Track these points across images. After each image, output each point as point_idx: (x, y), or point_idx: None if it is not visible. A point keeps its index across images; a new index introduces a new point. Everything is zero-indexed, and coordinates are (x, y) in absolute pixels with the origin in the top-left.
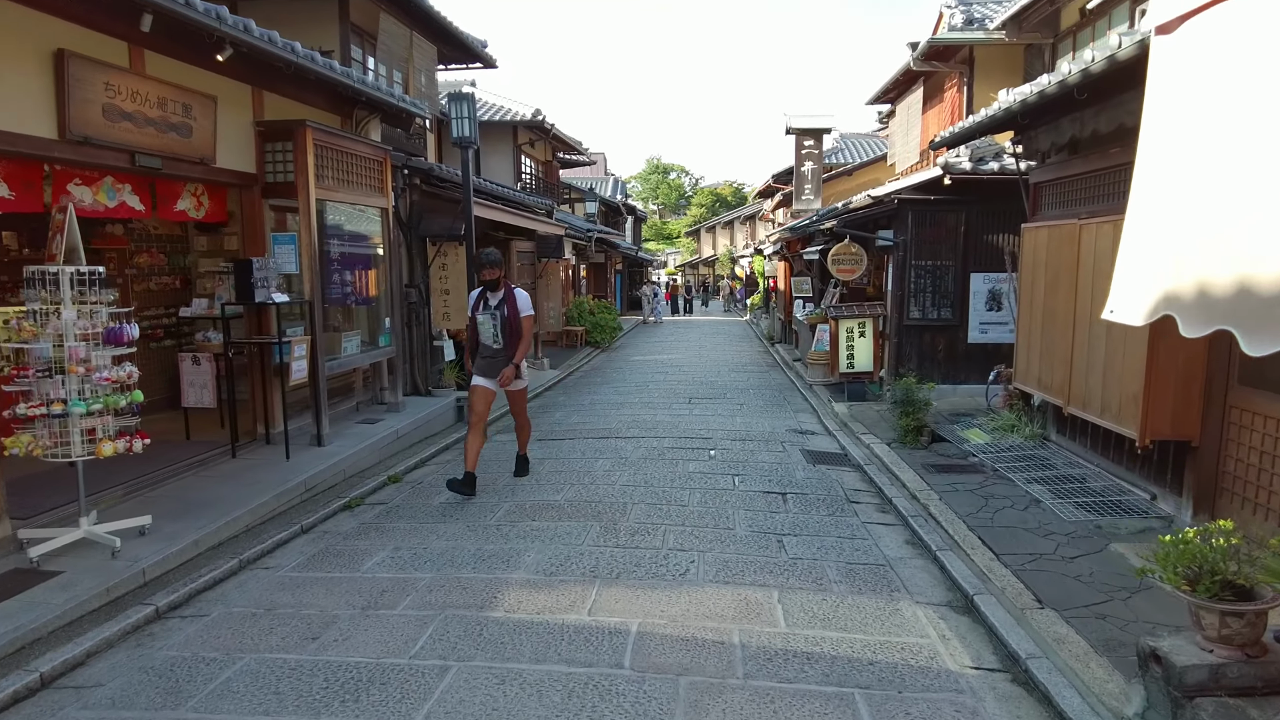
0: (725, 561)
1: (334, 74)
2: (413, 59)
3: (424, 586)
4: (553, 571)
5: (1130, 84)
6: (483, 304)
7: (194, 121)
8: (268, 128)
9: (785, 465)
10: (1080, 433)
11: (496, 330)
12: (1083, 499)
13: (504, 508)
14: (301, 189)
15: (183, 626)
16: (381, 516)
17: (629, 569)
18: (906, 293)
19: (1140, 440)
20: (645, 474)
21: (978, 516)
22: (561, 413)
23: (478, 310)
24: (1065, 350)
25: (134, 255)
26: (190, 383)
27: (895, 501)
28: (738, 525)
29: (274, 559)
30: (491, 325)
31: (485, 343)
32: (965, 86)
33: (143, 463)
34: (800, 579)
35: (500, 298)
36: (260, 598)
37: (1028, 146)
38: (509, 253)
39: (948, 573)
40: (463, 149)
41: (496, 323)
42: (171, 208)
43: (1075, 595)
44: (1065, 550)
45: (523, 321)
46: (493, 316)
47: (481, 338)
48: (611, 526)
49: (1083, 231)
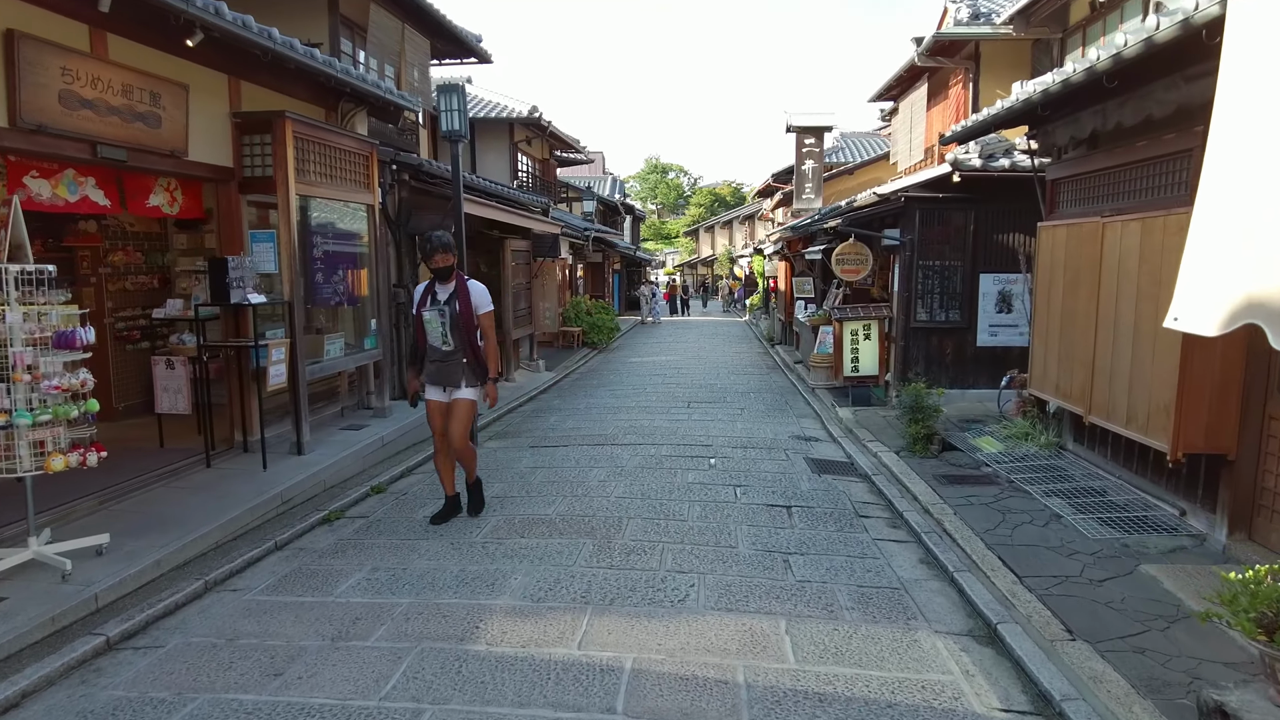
0: (727, 585)
1: (315, 63)
2: (405, 53)
3: (401, 614)
4: (540, 597)
5: (1163, 70)
6: (430, 298)
7: (163, 111)
8: (245, 119)
9: (789, 475)
10: (1100, 442)
11: (445, 329)
12: (1106, 514)
13: (491, 522)
14: (281, 184)
15: (134, 660)
16: (361, 532)
17: (623, 594)
18: (913, 294)
19: (1172, 454)
20: (642, 485)
21: (996, 533)
22: (556, 417)
23: (424, 306)
24: (1086, 355)
25: (108, 253)
26: (164, 388)
27: (907, 516)
28: (740, 542)
29: (243, 579)
30: (440, 323)
31: (434, 344)
32: (971, 83)
33: (108, 474)
34: (809, 605)
35: (451, 291)
36: (223, 625)
37: (1043, 142)
38: (503, 252)
39: (967, 597)
40: (452, 143)
41: (445, 320)
42: (142, 203)
43: (1109, 625)
44: (1092, 572)
45: (481, 320)
46: (441, 313)
47: (429, 339)
48: (605, 544)
49: (1106, 230)
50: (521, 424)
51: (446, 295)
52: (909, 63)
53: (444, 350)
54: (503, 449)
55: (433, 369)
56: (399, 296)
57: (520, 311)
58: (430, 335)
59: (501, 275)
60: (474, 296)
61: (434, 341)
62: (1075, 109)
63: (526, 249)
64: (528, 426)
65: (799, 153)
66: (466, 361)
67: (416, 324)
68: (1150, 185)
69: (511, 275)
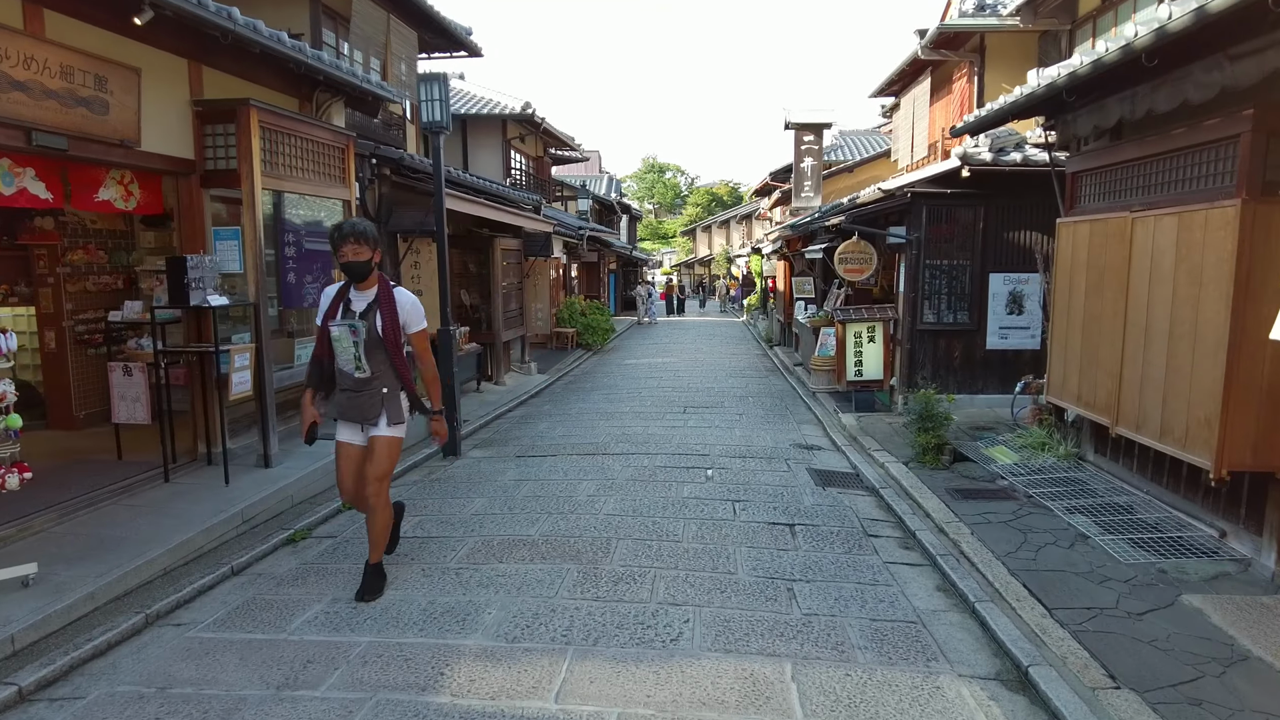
0: (726, 620)
1: (282, 48)
2: (390, 45)
3: (358, 656)
4: (516, 636)
5: (1205, 49)
6: (342, 308)
7: (110, 96)
8: (207, 108)
9: (791, 488)
10: (1125, 454)
11: (359, 351)
12: (1136, 534)
13: (468, 544)
14: (245, 177)
15: (47, 715)
16: (327, 554)
17: (609, 631)
18: (920, 294)
19: (1215, 471)
20: (634, 500)
21: (1017, 556)
22: (546, 424)
23: (331, 318)
24: (1112, 362)
25: (67, 252)
26: (121, 396)
27: (920, 536)
28: (740, 567)
29: (190, 611)
30: (352, 342)
31: (344, 369)
32: (976, 76)
33: (57, 490)
34: (817, 644)
35: (370, 299)
36: (158, 669)
37: (1062, 132)
38: (493, 250)
39: (992, 633)
40: (433, 134)
41: (359, 339)
42: (90, 197)
43: (1155, 669)
44: (1129, 603)
45: (413, 341)
46: (354, 329)
47: (338, 360)
48: (592, 570)
49: (1136, 226)
50: (509, 431)
51: (364, 305)
52: (911, 56)
53: (357, 377)
54: (487, 459)
55: (343, 400)
56: None
57: (511, 312)
58: (339, 356)
59: (491, 275)
60: (402, 310)
61: (344, 365)
62: (1100, 96)
63: (517, 248)
64: (515, 434)
65: (797, 150)
66: (388, 391)
67: (320, 340)
68: (1188, 176)
69: (502, 275)
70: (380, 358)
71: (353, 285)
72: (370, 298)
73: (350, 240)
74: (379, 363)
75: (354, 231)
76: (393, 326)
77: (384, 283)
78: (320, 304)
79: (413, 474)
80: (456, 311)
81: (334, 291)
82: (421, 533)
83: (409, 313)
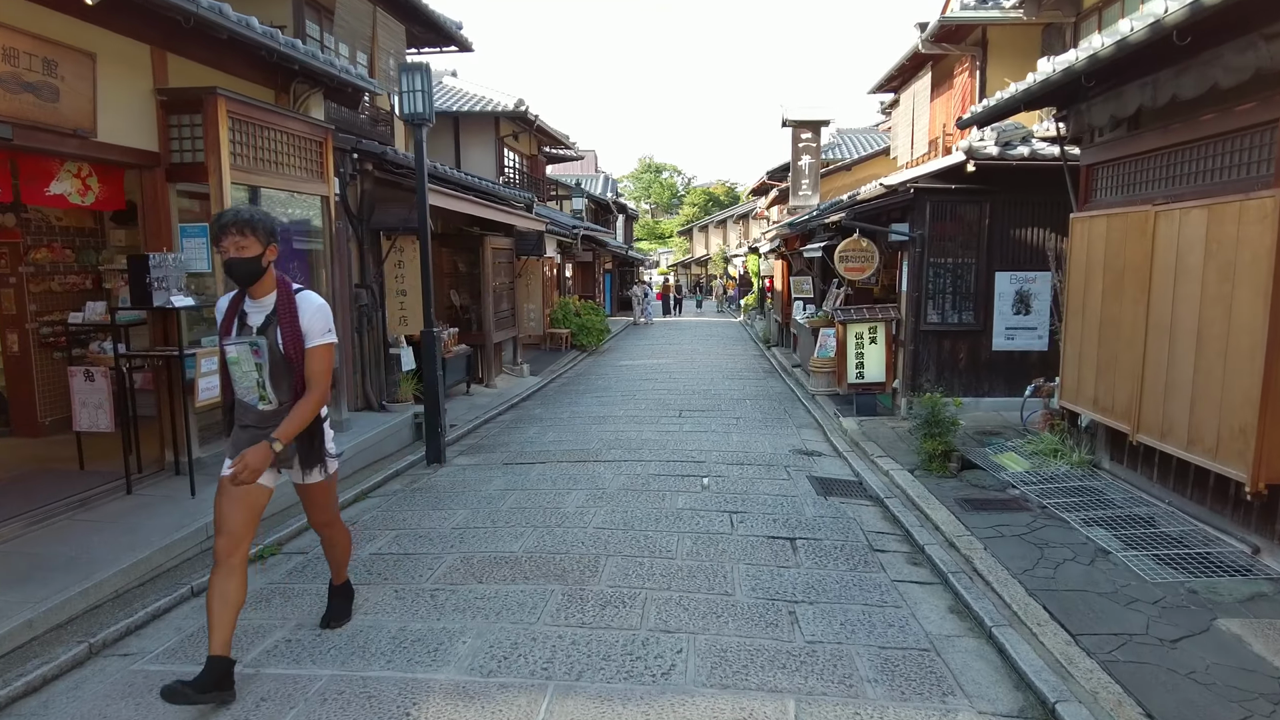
0: (723, 650)
1: (251, 33)
2: (377, 39)
3: (317, 694)
4: (492, 669)
5: (1238, 28)
6: (237, 322)
7: (61, 82)
8: (172, 97)
9: (791, 498)
10: (1144, 462)
11: (262, 377)
12: (1161, 550)
13: (447, 562)
14: (213, 170)
15: None
16: (296, 573)
17: (594, 663)
18: (923, 294)
19: (1251, 485)
20: (625, 511)
21: (1035, 574)
22: (536, 428)
23: (227, 335)
24: (1133, 366)
25: (30, 250)
26: (83, 402)
27: (929, 551)
28: (738, 588)
29: (141, 639)
30: (254, 364)
31: (245, 400)
32: (978, 70)
33: (13, 502)
34: (822, 677)
35: (269, 310)
36: (93, 709)
37: (1075, 122)
38: (483, 249)
39: (1012, 662)
40: (415, 126)
41: (262, 360)
42: (40, 191)
43: (1199, 708)
44: (1160, 628)
45: (310, 356)
46: (253, 348)
47: (238, 391)
48: (577, 592)
49: (1159, 220)
50: (498, 436)
51: (261, 317)
52: (912, 50)
53: (261, 410)
54: (473, 467)
55: (245, 440)
56: (361, 298)
57: (502, 313)
58: (238, 384)
59: (482, 274)
60: (304, 317)
61: (245, 395)
62: (1119, 82)
63: (509, 247)
64: (504, 439)
65: (795, 148)
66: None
67: (220, 364)
68: (1218, 166)
69: (493, 274)
70: (291, 384)
71: (247, 295)
72: (268, 307)
73: (231, 231)
74: (286, 390)
75: (236, 220)
76: (295, 344)
77: (284, 286)
78: (218, 313)
79: (394, 483)
80: (446, 312)
81: (227, 302)
82: (398, 549)
83: (311, 319)
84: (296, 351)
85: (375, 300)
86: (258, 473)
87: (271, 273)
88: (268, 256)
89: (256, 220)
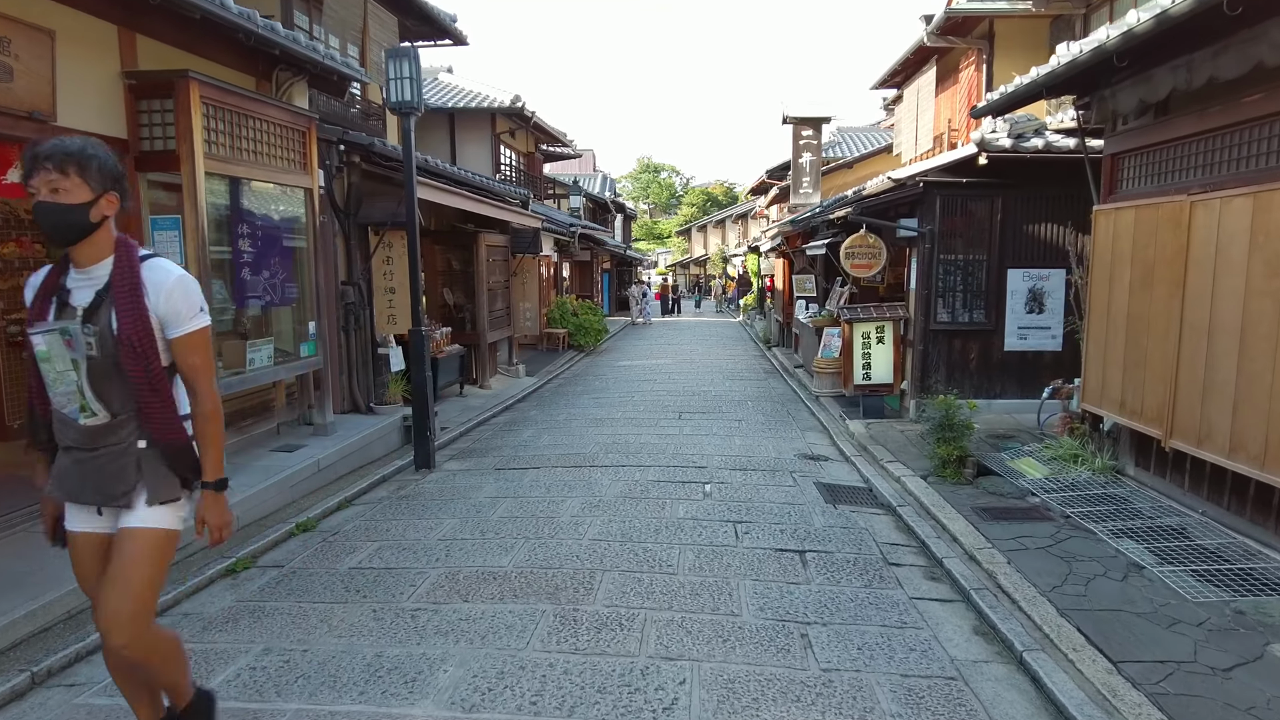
0: (730, 680)
1: (225, 13)
2: (369, 30)
3: None
4: (475, 703)
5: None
6: (54, 302)
7: (15, 61)
8: (141, 80)
9: (799, 507)
10: (1174, 469)
11: (82, 379)
12: (1200, 565)
13: (431, 577)
14: (185, 159)
15: None
16: (268, 589)
17: (588, 696)
18: (933, 291)
19: None
20: (623, 521)
21: (1065, 591)
22: (531, 431)
23: (40, 321)
24: (1165, 367)
25: None
26: None
27: (948, 564)
28: (744, 607)
29: (90, 666)
30: (70, 361)
31: (62, 411)
32: (985, 64)
33: None
34: (840, 712)
35: (100, 285)
36: None
37: (1100, 110)
38: (477, 246)
39: (1048, 693)
40: (403, 115)
41: (79, 354)
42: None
43: None
44: (1210, 654)
45: (180, 350)
46: (66, 337)
47: (53, 398)
48: (570, 613)
49: (1195, 210)
50: (491, 439)
51: (91, 294)
52: (916, 44)
53: (84, 425)
54: (463, 472)
55: (67, 466)
56: (348, 295)
57: (497, 312)
58: (51, 388)
59: (476, 272)
60: (155, 295)
61: (61, 404)
62: (1148, 65)
63: (504, 244)
64: (497, 443)
65: (796, 145)
66: (146, 446)
67: (29, 363)
68: (1265, 151)
69: (487, 272)
70: (123, 388)
71: (72, 262)
72: (99, 280)
73: (45, 166)
74: (121, 397)
75: (55, 151)
76: (138, 328)
77: (125, 250)
78: (27, 292)
79: (379, 489)
80: (440, 311)
81: (40, 278)
82: (379, 562)
83: (170, 299)
84: (139, 342)
85: (363, 298)
86: (218, 532)
87: (108, 232)
88: (102, 209)
89: (88, 155)
